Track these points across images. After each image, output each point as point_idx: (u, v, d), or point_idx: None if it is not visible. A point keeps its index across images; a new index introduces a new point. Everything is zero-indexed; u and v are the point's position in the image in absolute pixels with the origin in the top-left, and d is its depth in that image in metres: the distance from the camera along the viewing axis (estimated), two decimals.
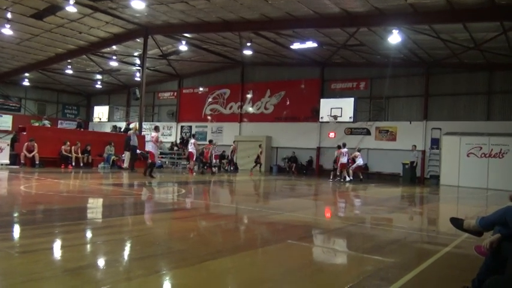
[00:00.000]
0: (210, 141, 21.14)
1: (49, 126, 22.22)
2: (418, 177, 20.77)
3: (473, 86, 20.34)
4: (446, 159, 19.86)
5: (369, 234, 6.44)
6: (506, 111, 19.46)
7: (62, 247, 4.54)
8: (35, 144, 17.05)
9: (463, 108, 20.52)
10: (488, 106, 20.01)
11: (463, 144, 19.36)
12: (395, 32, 16.66)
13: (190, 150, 19.25)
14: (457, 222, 3.55)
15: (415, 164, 20.36)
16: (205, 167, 20.22)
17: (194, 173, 18.91)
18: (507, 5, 13.51)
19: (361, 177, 19.55)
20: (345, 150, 19.11)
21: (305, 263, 4.37)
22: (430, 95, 21.37)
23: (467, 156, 19.20)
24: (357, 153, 20.03)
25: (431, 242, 6.14)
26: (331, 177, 19.81)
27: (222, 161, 25.41)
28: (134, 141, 18.43)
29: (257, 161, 23.37)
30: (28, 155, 16.97)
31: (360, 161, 19.83)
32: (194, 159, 19.26)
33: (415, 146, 20.44)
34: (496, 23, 15.13)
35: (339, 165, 19.24)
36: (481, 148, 19.07)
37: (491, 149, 18.84)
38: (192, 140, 19.49)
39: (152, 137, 15.18)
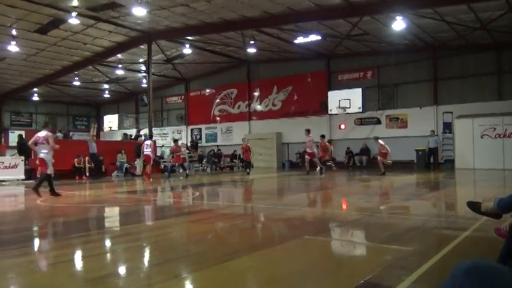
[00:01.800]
0: (175, 141, 19.51)
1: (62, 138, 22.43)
2: (432, 162, 20.57)
3: (482, 67, 20.08)
4: (460, 143, 19.65)
5: (386, 223, 6.39)
6: None
7: (82, 258, 4.59)
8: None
9: (474, 89, 20.26)
10: (499, 86, 19.73)
11: (476, 126, 19.12)
12: (398, 18, 16.53)
13: (145, 152, 17.03)
14: (474, 206, 3.49)
15: (435, 150, 20.04)
16: (187, 171, 18.91)
17: (151, 179, 16.29)
18: None
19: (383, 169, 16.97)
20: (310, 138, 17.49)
21: (323, 258, 4.35)
22: (438, 79, 21.14)
23: (481, 138, 18.96)
24: (381, 142, 17.48)
25: (450, 227, 6.07)
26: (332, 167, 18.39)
27: (234, 160, 25.50)
28: (92, 148, 18.02)
29: (243, 160, 21.02)
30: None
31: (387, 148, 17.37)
32: (151, 162, 17.34)
33: (433, 131, 20.13)
34: (502, 1, 14.87)
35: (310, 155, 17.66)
36: (494, 129, 18.82)
37: (506, 129, 18.59)
38: (148, 142, 17.51)
39: (39, 137, 10.23)
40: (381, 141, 17.33)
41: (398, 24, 16.84)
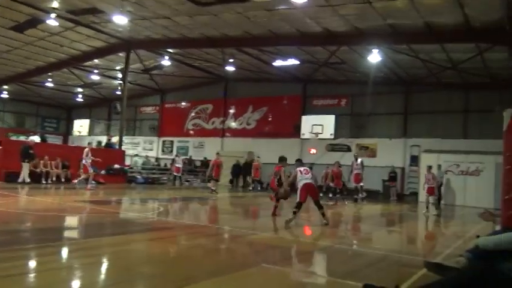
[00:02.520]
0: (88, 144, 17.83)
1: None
2: (397, 194, 20.97)
3: (450, 105, 20.78)
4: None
5: (346, 256, 6.43)
6: (482, 129, 19.87)
7: (30, 272, 4.40)
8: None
9: (441, 126, 20.89)
10: (464, 124, 20.44)
11: (441, 161, 19.62)
12: (375, 51, 17.02)
13: (84, 162, 15.79)
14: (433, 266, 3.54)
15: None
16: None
17: (91, 187, 15.64)
18: (482, 28, 13.94)
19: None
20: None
21: None
22: (409, 112, 21.76)
23: (445, 173, 19.48)
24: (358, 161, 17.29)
25: (407, 265, 6.14)
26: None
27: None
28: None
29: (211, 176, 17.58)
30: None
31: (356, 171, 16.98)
32: (90, 171, 15.71)
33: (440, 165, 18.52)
34: (472, 45, 15.56)
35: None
36: (458, 166, 19.43)
37: (468, 167, 19.21)
38: (87, 148, 16.20)
39: None
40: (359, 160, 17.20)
41: (374, 56, 17.33)
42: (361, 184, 17.24)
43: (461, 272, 3.36)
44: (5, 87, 30.47)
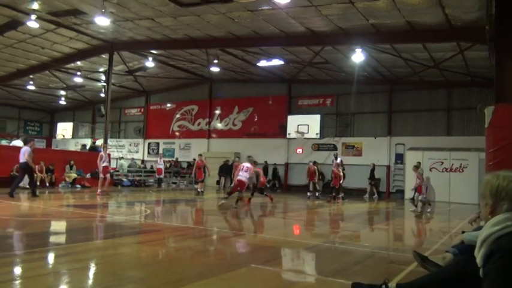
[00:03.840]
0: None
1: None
2: (383, 192, 21.20)
3: (433, 103, 21.11)
4: (410, 174, 20.31)
5: (334, 254, 6.46)
6: (464, 127, 20.24)
7: (16, 279, 4.32)
8: None
9: (425, 124, 21.23)
10: (448, 122, 20.78)
11: (426, 159, 19.93)
12: (358, 50, 17.14)
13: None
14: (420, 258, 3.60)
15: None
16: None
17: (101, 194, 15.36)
18: (463, 27, 14.15)
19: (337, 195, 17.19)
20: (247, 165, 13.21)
21: None
22: (393, 111, 22.01)
23: (430, 170, 19.74)
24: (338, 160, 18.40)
25: (395, 261, 6.21)
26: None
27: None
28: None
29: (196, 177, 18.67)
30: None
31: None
32: (101, 176, 15.87)
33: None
34: (453, 44, 15.80)
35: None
36: (442, 163, 19.71)
37: (452, 164, 19.51)
38: (101, 152, 16.32)
39: None
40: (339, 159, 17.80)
41: (358, 56, 17.46)
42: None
43: (447, 266, 3.41)
44: None
